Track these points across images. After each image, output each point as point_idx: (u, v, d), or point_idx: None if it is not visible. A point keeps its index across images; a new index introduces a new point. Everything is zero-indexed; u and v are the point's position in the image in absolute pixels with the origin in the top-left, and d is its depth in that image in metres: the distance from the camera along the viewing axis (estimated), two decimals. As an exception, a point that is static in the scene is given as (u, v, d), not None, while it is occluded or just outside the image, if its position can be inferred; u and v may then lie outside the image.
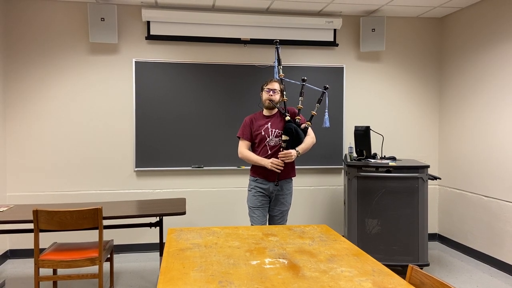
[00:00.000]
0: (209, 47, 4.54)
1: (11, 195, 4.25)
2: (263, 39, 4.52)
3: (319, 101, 3.31)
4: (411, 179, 3.69)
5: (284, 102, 3.26)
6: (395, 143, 4.89)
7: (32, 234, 4.19)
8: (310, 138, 3.29)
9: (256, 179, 3.28)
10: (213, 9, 4.45)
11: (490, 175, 4.10)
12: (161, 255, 3.43)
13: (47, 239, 4.23)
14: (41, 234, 2.85)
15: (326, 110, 3.53)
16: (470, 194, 4.39)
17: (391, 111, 4.87)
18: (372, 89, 4.84)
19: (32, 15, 4.24)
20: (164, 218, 4.41)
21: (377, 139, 4.68)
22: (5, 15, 4.19)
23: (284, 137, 3.15)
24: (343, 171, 4.80)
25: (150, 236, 4.52)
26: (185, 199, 3.60)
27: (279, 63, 3.27)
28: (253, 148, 3.34)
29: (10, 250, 4.30)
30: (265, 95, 3.26)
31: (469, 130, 4.41)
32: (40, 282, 2.98)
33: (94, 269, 3.84)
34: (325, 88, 3.36)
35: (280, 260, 1.83)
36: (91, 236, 4.37)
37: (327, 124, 3.47)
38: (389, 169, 3.70)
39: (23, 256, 4.29)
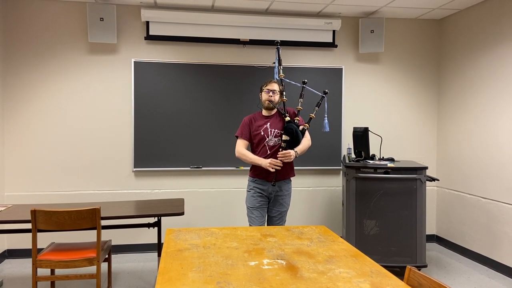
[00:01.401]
0: (208, 48, 4.54)
1: (9, 195, 4.24)
2: (262, 40, 4.52)
3: (318, 105, 3.31)
4: (409, 181, 3.70)
5: (284, 102, 3.26)
6: (393, 144, 4.89)
7: (30, 234, 4.17)
8: (306, 140, 3.29)
9: (255, 180, 3.28)
10: (212, 9, 4.45)
11: (489, 177, 4.11)
12: (159, 255, 3.43)
13: (45, 239, 4.22)
14: (39, 234, 2.84)
15: (326, 115, 3.53)
16: (468, 196, 4.40)
17: (389, 112, 4.88)
18: (371, 90, 4.84)
19: (31, 15, 4.23)
20: (163, 218, 4.40)
21: (376, 140, 4.68)
22: (4, 14, 4.18)
23: (284, 137, 3.15)
24: (341, 172, 4.80)
25: (148, 236, 4.51)
26: (183, 199, 3.60)
27: (280, 64, 3.27)
28: (252, 149, 3.34)
29: (8, 250, 4.29)
30: (264, 96, 3.27)
31: (467, 131, 4.42)
32: (38, 282, 2.98)
33: (92, 269, 3.84)
34: (325, 93, 3.36)
35: (279, 261, 1.83)
36: (89, 236, 4.36)
37: (327, 128, 3.48)
38: (387, 170, 3.71)
39: (21, 256, 4.28)
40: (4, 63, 4.20)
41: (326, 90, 3.38)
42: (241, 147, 3.31)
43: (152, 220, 3.62)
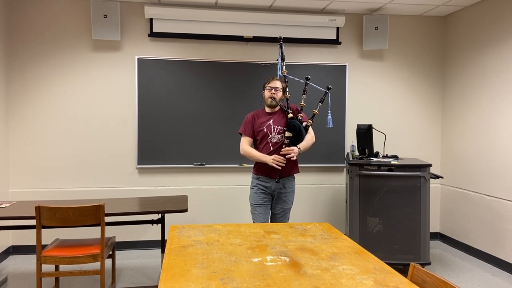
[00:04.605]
0: (212, 45, 4.54)
1: (14, 191, 4.27)
2: (266, 37, 4.51)
3: (322, 101, 3.31)
4: (413, 178, 3.68)
5: (287, 99, 3.26)
6: (397, 141, 4.88)
7: (34, 230, 4.19)
8: (310, 137, 3.29)
9: (259, 177, 3.28)
10: (215, 6, 4.44)
11: (493, 174, 4.09)
12: (163, 252, 3.43)
13: (49, 236, 4.24)
14: (43, 230, 2.86)
15: (329, 111, 3.53)
16: (472, 193, 4.38)
17: (393, 109, 4.86)
18: (375, 87, 4.83)
19: (35, 12, 4.24)
20: (166, 215, 4.41)
21: (380, 137, 4.67)
22: (9, 12, 4.19)
23: (287, 134, 3.15)
24: (345, 169, 4.79)
25: (152, 233, 4.52)
26: (187, 196, 3.61)
27: (283, 60, 3.26)
28: (255, 145, 3.34)
29: (12, 246, 4.31)
30: (267, 93, 3.26)
31: (471, 128, 4.40)
32: (42, 278, 2.99)
33: (96, 265, 3.86)
34: (328, 89, 3.35)
35: (282, 257, 1.83)
36: (93, 232, 4.38)
37: (330, 124, 3.48)
38: (391, 167, 3.69)
39: (25, 252, 4.31)
40: (9, 60, 4.21)
41: (330, 86, 3.37)
42: (245, 144, 3.31)
43: (156, 216, 3.63)
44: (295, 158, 3.15)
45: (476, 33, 4.34)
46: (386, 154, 4.27)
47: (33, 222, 3.60)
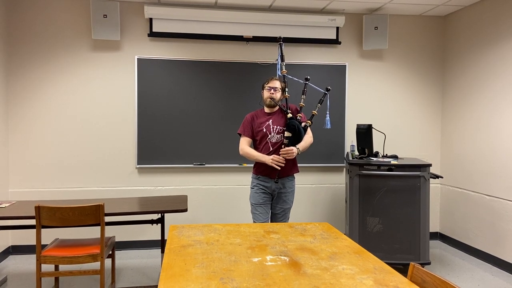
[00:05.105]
0: (212, 45, 4.54)
1: (14, 191, 4.26)
2: (266, 37, 4.51)
3: (321, 102, 3.31)
4: (413, 178, 3.68)
5: (286, 98, 3.26)
6: (397, 141, 4.88)
7: (34, 230, 4.19)
8: (308, 137, 3.29)
9: (259, 177, 3.28)
10: (215, 6, 4.44)
11: (493, 174, 4.09)
12: (162, 251, 3.43)
13: (49, 235, 4.24)
14: (43, 230, 2.86)
15: (328, 112, 3.53)
16: (472, 193, 4.38)
17: (393, 109, 4.86)
18: (375, 87, 4.83)
19: (35, 12, 4.24)
20: (166, 215, 4.41)
21: (379, 137, 4.67)
22: (8, 12, 4.19)
23: (286, 134, 3.15)
24: (345, 169, 4.79)
25: (152, 233, 4.52)
26: (186, 196, 3.61)
27: (282, 60, 3.26)
28: (255, 145, 3.34)
29: (12, 246, 4.31)
30: (266, 94, 3.26)
31: (471, 128, 4.40)
32: (41, 278, 2.99)
33: (96, 265, 3.85)
34: (327, 90, 3.35)
35: (282, 257, 1.83)
36: (93, 232, 4.38)
37: (328, 125, 3.48)
38: (391, 167, 3.69)
39: (25, 252, 4.31)
40: (8, 60, 4.21)
41: (329, 87, 3.38)
42: (244, 145, 3.31)
43: (156, 216, 3.63)
44: (293, 157, 3.16)
45: (476, 33, 4.34)
46: (386, 154, 4.27)
47: (32, 222, 3.60)
